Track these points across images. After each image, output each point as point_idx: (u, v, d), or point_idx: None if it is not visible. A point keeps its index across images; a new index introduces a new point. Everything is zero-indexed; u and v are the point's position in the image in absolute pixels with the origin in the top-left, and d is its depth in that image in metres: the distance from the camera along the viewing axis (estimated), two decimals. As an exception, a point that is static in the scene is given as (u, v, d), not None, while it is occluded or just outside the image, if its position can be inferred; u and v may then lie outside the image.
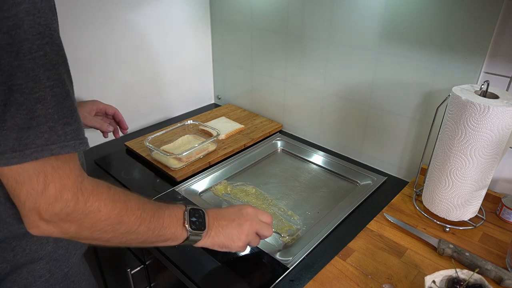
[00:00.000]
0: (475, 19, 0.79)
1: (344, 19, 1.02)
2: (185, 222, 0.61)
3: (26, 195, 0.44)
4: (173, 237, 0.60)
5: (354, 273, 0.71)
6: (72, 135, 0.45)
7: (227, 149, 1.16)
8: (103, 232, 0.51)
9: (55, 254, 0.63)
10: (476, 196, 0.79)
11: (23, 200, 0.45)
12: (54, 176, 0.45)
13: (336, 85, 1.12)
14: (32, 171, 0.44)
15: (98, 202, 0.49)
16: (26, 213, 0.46)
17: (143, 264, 0.99)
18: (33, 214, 0.45)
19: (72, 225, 0.48)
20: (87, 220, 0.48)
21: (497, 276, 0.68)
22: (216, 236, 0.66)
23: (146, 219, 0.55)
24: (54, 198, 0.45)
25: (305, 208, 0.97)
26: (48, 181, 0.45)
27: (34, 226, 0.47)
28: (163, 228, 0.58)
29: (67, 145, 0.45)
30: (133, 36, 1.22)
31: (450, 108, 0.76)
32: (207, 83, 1.55)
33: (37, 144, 0.43)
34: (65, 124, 0.45)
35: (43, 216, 0.46)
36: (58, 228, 0.47)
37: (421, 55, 0.90)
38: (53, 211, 0.45)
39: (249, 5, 1.25)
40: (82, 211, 0.47)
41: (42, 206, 0.45)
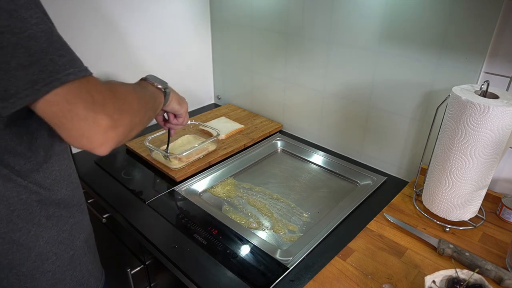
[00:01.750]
0: (475, 19, 0.79)
1: (344, 19, 1.02)
2: (155, 84, 0.73)
3: (84, 108, 0.47)
4: (159, 97, 0.73)
5: (354, 273, 0.71)
6: (70, 64, 0.48)
7: (227, 149, 1.16)
8: (139, 112, 0.58)
9: (59, 237, 0.65)
10: (476, 196, 0.79)
11: (84, 115, 0.47)
12: (90, 88, 0.49)
13: (336, 85, 1.12)
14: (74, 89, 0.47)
15: (123, 88, 0.57)
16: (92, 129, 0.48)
17: (143, 264, 0.99)
18: (99, 125, 0.48)
19: (126, 116, 0.53)
20: (129, 106, 0.55)
21: (497, 276, 0.68)
22: (173, 93, 0.80)
23: (144, 90, 0.67)
24: (102, 102, 0.49)
25: (305, 208, 0.97)
26: (91, 92, 0.48)
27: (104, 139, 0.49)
28: (153, 93, 0.71)
29: (70, 73, 0.47)
30: (133, 36, 1.22)
31: (450, 108, 0.76)
32: (207, 83, 1.55)
33: (43, 78, 0.45)
34: (60, 56, 0.47)
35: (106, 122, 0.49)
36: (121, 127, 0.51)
37: (421, 55, 0.90)
38: (109, 111, 0.49)
39: (249, 5, 1.25)
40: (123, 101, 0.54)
41: (101, 113, 0.48)
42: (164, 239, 0.84)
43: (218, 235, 0.84)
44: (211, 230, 0.85)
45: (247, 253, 0.79)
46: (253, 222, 0.91)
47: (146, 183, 1.04)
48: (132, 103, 0.56)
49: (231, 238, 0.83)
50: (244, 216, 0.93)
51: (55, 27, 0.49)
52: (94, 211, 1.05)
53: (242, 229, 0.86)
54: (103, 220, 1.02)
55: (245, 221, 0.92)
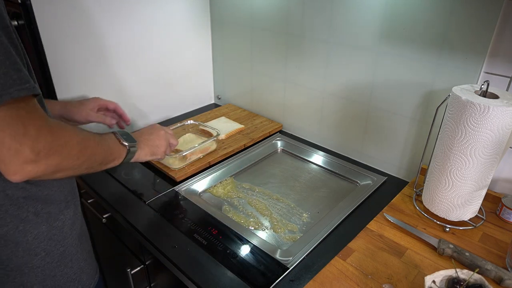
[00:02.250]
0: (475, 19, 0.79)
1: (344, 19, 1.02)
2: (121, 140, 0.73)
3: (11, 139, 0.47)
4: (119, 154, 0.72)
5: (354, 273, 0.71)
6: (26, 79, 0.48)
7: (227, 149, 1.16)
8: (76, 158, 0.57)
9: (49, 234, 0.65)
10: (476, 196, 0.79)
11: (8, 145, 0.47)
12: (30, 118, 0.49)
13: (336, 85, 1.12)
14: (9, 117, 0.47)
15: (67, 132, 0.55)
16: (12, 159, 0.48)
17: (143, 264, 0.99)
18: (19, 157, 0.48)
19: (55, 157, 0.52)
20: (64, 150, 0.54)
21: (497, 276, 0.68)
22: (145, 147, 0.81)
23: (99, 142, 0.65)
24: (35, 137, 0.49)
25: (305, 208, 0.97)
26: (26, 124, 0.48)
27: (19, 170, 0.50)
28: (110, 148, 0.69)
29: (24, 88, 0.48)
30: (133, 36, 1.22)
31: (450, 108, 0.76)
32: (207, 83, 1.55)
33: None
34: (17, 70, 0.47)
35: (29, 156, 0.49)
36: (42, 166, 0.51)
37: (421, 55, 0.90)
38: (37, 149, 0.49)
39: (249, 5, 1.25)
40: (59, 142, 0.53)
41: (28, 146, 0.48)
42: (164, 239, 0.84)
43: (218, 235, 0.84)
44: (211, 230, 0.85)
45: (247, 253, 0.79)
46: (253, 222, 0.91)
47: (146, 183, 1.04)
48: (72, 148, 0.56)
49: (231, 238, 0.83)
50: (244, 216, 0.93)
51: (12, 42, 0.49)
52: (94, 211, 1.05)
53: (242, 229, 0.86)
54: (103, 220, 1.02)
55: (245, 221, 0.92)
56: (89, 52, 1.13)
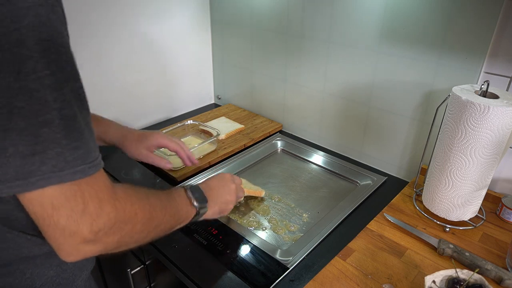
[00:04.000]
0: (475, 19, 0.79)
1: (344, 19, 1.02)
2: (192, 200, 0.64)
3: (67, 219, 0.41)
4: (186, 216, 0.64)
5: (354, 273, 0.71)
6: (83, 159, 0.42)
7: (227, 149, 1.16)
8: (140, 233, 0.50)
9: (58, 278, 0.59)
10: (476, 196, 0.79)
11: (62, 226, 0.41)
12: (91, 193, 0.43)
13: (336, 85, 1.12)
14: (69, 192, 0.41)
15: (132, 206, 0.48)
16: (66, 240, 0.42)
17: (143, 264, 0.99)
18: (75, 239, 0.42)
19: (115, 236, 0.46)
20: (127, 227, 0.47)
21: (497, 276, 0.68)
22: (215, 205, 0.72)
23: (166, 207, 0.57)
24: (96, 214, 0.43)
25: (305, 208, 0.97)
26: (86, 200, 0.42)
27: (75, 251, 0.44)
28: (178, 211, 0.61)
29: (77, 171, 0.41)
30: (133, 36, 1.22)
31: (450, 108, 0.76)
32: (207, 83, 1.55)
33: (43, 171, 0.39)
34: (74, 149, 0.41)
35: (87, 237, 0.43)
36: (101, 245, 0.45)
37: (421, 55, 0.90)
38: (97, 228, 0.43)
39: (249, 5, 1.25)
40: (123, 219, 0.47)
41: (86, 226, 0.42)
42: (164, 239, 0.83)
43: (218, 235, 0.84)
44: (211, 230, 0.85)
45: (247, 253, 0.79)
46: (253, 222, 0.91)
47: (146, 183, 1.04)
48: (136, 223, 0.49)
49: (231, 238, 0.83)
50: (244, 216, 0.93)
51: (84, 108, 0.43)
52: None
53: (242, 229, 0.86)
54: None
55: (245, 221, 0.92)
56: (89, 53, 1.13)
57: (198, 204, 0.65)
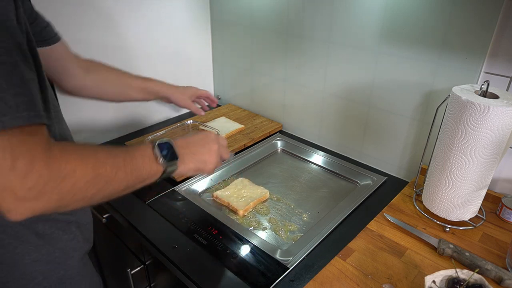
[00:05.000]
0: (475, 19, 0.79)
1: (344, 19, 1.02)
2: (158, 158, 0.60)
3: None
4: (150, 175, 0.60)
5: (354, 273, 0.71)
6: (26, 106, 0.42)
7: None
8: (85, 191, 0.49)
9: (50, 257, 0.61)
10: (476, 196, 0.79)
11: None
12: (22, 149, 0.42)
13: (336, 85, 1.12)
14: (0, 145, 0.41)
15: (70, 163, 0.47)
16: (1, 196, 0.42)
17: (143, 264, 0.99)
18: (7, 196, 0.42)
19: (53, 195, 0.45)
20: (64, 184, 0.46)
21: (497, 276, 0.68)
22: (190, 162, 0.68)
23: (120, 164, 0.54)
24: (25, 171, 0.42)
25: (305, 208, 0.97)
26: (16, 155, 0.42)
27: (12, 209, 0.43)
28: (138, 169, 0.57)
29: (20, 117, 0.41)
30: (133, 36, 1.22)
31: (450, 108, 0.76)
32: (207, 83, 1.55)
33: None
34: (17, 95, 0.41)
35: (18, 194, 0.42)
36: (39, 203, 0.44)
37: (421, 55, 0.90)
38: (27, 186, 0.42)
39: (249, 5, 1.25)
40: (58, 176, 0.45)
41: (15, 183, 0.42)
42: (164, 239, 0.84)
43: (218, 235, 0.84)
44: (211, 230, 0.85)
45: (247, 253, 0.79)
46: (253, 222, 0.91)
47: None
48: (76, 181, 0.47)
49: (231, 238, 0.83)
50: (244, 216, 0.93)
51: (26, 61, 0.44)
52: (94, 211, 1.05)
53: (242, 229, 0.86)
54: (103, 220, 1.02)
55: (245, 221, 0.92)
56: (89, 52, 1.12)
57: (165, 162, 0.61)
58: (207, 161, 0.72)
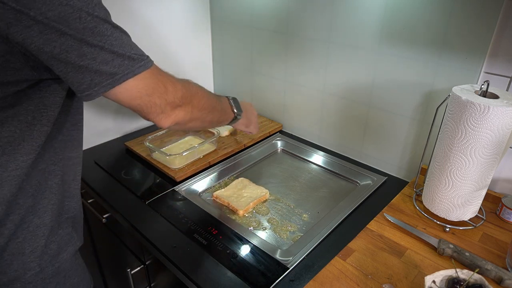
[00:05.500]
0: (475, 19, 0.79)
1: (344, 19, 1.02)
2: (233, 107, 0.89)
3: (159, 98, 0.60)
4: (228, 117, 0.89)
5: (354, 273, 0.71)
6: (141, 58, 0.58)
7: (227, 149, 1.16)
8: (204, 109, 0.72)
9: (46, 249, 0.64)
10: (476, 196, 0.79)
11: (159, 103, 0.60)
12: (164, 78, 0.61)
13: (336, 85, 1.12)
14: (151, 83, 0.58)
15: (193, 86, 0.70)
16: (164, 109, 0.61)
17: (143, 264, 0.99)
18: (168, 108, 0.62)
19: (189, 106, 0.67)
20: (195, 99, 0.69)
21: (497, 276, 0.68)
22: (244, 117, 0.97)
23: (218, 100, 0.81)
24: (173, 91, 0.62)
25: (305, 208, 0.97)
26: (164, 83, 0.61)
27: (170, 116, 0.63)
28: (225, 108, 0.86)
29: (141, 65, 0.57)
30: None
31: (450, 108, 0.76)
32: (207, 83, 1.55)
33: (122, 70, 0.54)
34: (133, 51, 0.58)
35: (177, 102, 0.63)
36: (184, 110, 0.65)
37: (421, 55, 0.90)
38: (180, 96, 0.64)
39: (249, 5, 1.25)
40: (190, 93, 0.67)
41: (172, 98, 0.62)
42: (164, 239, 0.84)
43: (218, 235, 0.84)
44: (211, 230, 0.85)
45: (247, 253, 0.79)
46: (253, 222, 0.91)
47: (146, 183, 1.04)
48: (200, 98, 0.70)
49: (231, 238, 0.83)
50: (244, 216, 0.93)
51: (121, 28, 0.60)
52: (94, 211, 1.05)
53: (242, 229, 0.86)
54: (103, 220, 1.02)
55: (245, 221, 0.92)
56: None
57: (236, 111, 0.90)
58: (252, 121, 1.03)
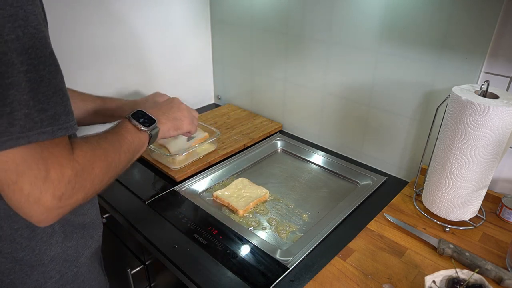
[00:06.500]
0: (475, 19, 0.79)
1: (344, 19, 1.02)
2: (138, 127, 0.66)
3: (30, 185, 0.43)
4: (141, 143, 0.66)
5: (354, 273, 0.71)
6: (49, 121, 0.44)
7: (227, 149, 1.16)
8: (100, 182, 0.53)
9: (64, 255, 0.63)
10: (476, 196, 0.79)
11: (27, 193, 0.43)
12: (53, 160, 0.44)
13: (336, 85, 1.12)
14: (31, 159, 0.43)
15: (90, 163, 0.50)
16: (32, 207, 0.44)
17: (143, 264, 0.99)
18: (40, 206, 0.44)
19: (79, 194, 0.48)
20: (88, 183, 0.49)
21: (497, 276, 0.68)
22: (167, 122, 0.75)
23: (118, 147, 0.59)
24: (57, 180, 0.44)
25: (305, 208, 0.97)
26: (48, 167, 0.44)
27: (43, 217, 0.46)
28: (130, 143, 0.62)
29: (45, 132, 0.43)
30: (133, 37, 1.22)
31: (450, 108, 0.76)
32: (207, 83, 1.55)
33: (11, 132, 0.41)
34: (41, 111, 0.43)
35: (51, 204, 0.44)
36: (67, 206, 0.47)
37: (421, 55, 0.90)
38: (60, 193, 0.45)
39: (249, 5, 1.25)
40: (83, 178, 0.48)
41: (49, 193, 0.44)
42: (164, 239, 0.84)
43: (218, 235, 0.84)
44: (211, 230, 0.85)
45: (247, 253, 0.79)
46: (253, 222, 0.91)
47: (146, 183, 1.04)
48: (95, 177, 0.51)
49: (231, 238, 0.83)
50: (244, 216, 0.93)
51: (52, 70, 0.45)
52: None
53: (242, 229, 0.86)
54: (103, 220, 1.02)
55: (245, 221, 0.92)
56: (88, 53, 1.13)
57: (146, 128, 0.66)
58: (181, 118, 0.79)
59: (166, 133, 0.75)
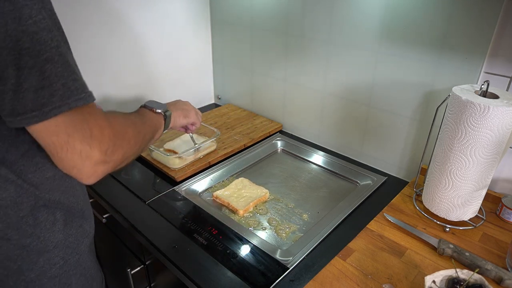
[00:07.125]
0: (475, 19, 0.79)
1: (344, 19, 1.02)
2: (154, 109, 0.77)
3: (81, 143, 0.49)
4: (160, 123, 0.77)
5: (354, 273, 0.71)
6: (82, 89, 0.50)
7: (227, 149, 1.16)
8: (134, 145, 0.60)
9: (66, 242, 0.65)
10: (476, 196, 0.79)
11: (79, 149, 0.49)
12: (92, 121, 0.51)
13: (336, 85, 1.12)
14: (77, 120, 0.49)
15: (122, 126, 0.58)
16: (84, 162, 0.50)
17: (143, 264, 0.99)
18: (91, 160, 0.51)
19: (120, 152, 0.55)
20: (125, 143, 0.57)
21: (497, 276, 0.68)
22: (176, 110, 0.87)
23: (142, 120, 0.70)
24: (100, 137, 0.51)
25: (305, 208, 0.97)
26: (91, 126, 0.50)
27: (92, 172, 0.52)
28: (152, 120, 0.74)
29: (81, 98, 0.49)
30: (133, 37, 1.22)
31: (450, 108, 0.76)
32: (207, 83, 1.55)
33: (53, 101, 0.47)
34: (74, 80, 0.49)
35: (100, 157, 0.51)
36: (111, 163, 0.54)
37: (421, 55, 0.90)
38: (105, 148, 0.52)
39: (249, 5, 1.25)
40: (120, 137, 0.56)
41: (96, 148, 0.51)
42: (164, 239, 0.84)
43: (218, 235, 0.84)
44: (211, 230, 0.85)
45: (247, 253, 0.79)
46: (253, 222, 0.91)
47: (146, 183, 1.04)
48: (130, 138, 0.59)
49: (231, 238, 0.83)
50: (244, 216, 0.93)
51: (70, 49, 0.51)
52: (94, 211, 1.05)
53: (242, 229, 0.86)
54: (103, 220, 1.02)
55: (245, 221, 0.92)
56: (88, 53, 1.13)
57: (161, 110, 0.77)
58: (188, 109, 0.91)
59: (177, 118, 0.86)
